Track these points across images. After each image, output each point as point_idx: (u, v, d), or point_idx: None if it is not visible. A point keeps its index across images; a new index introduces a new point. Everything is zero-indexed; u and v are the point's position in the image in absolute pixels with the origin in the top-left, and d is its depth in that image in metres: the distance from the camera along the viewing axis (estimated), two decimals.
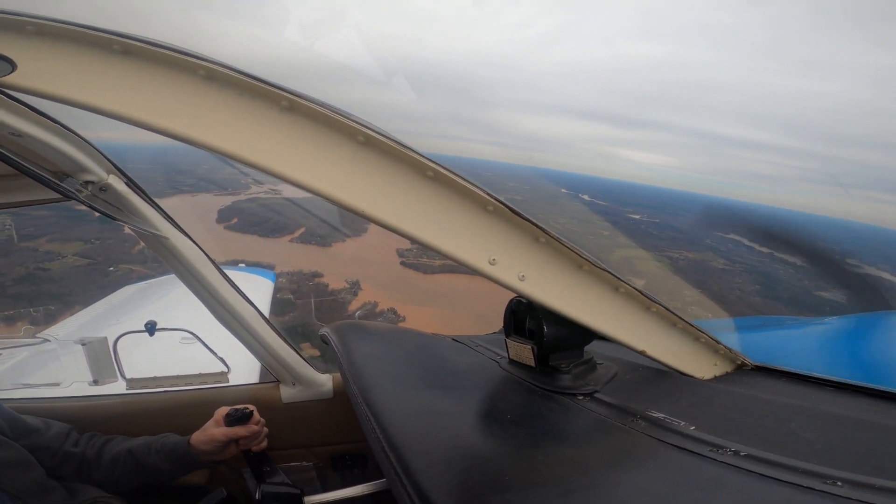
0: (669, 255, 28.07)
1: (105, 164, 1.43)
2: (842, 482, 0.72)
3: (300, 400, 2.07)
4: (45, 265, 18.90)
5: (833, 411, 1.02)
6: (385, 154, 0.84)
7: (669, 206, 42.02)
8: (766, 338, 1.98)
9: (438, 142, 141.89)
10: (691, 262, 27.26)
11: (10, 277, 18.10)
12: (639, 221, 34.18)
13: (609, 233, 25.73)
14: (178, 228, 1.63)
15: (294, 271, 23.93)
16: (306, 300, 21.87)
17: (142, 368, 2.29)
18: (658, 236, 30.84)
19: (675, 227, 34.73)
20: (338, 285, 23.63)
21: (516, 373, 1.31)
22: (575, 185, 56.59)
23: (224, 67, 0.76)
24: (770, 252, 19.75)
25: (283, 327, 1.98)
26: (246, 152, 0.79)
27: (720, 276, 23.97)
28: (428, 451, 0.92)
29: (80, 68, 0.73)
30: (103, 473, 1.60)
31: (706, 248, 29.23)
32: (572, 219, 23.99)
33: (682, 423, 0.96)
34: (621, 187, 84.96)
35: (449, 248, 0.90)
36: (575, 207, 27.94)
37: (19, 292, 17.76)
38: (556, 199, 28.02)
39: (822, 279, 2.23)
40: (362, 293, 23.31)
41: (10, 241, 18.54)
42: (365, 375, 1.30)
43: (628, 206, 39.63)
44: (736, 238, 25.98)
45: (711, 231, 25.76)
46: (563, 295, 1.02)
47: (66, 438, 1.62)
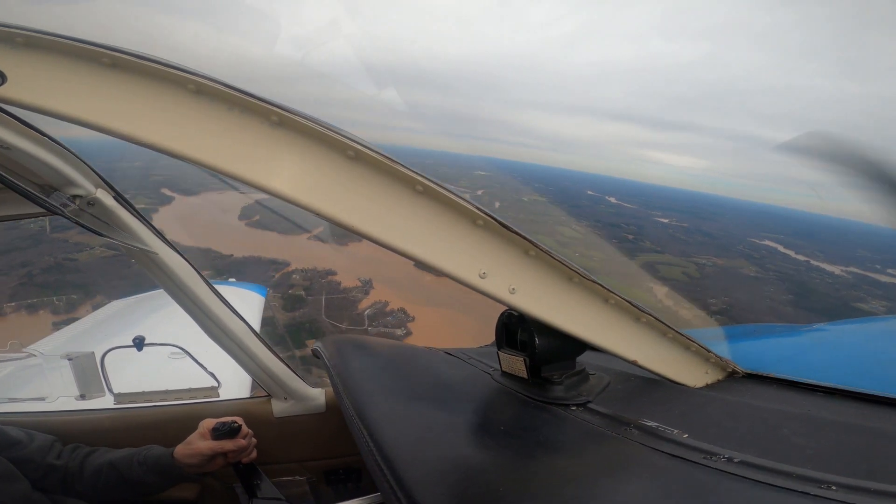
0: (697, 260, 28.03)
1: (93, 177, 1.42)
2: (836, 486, 0.73)
3: (292, 414, 2.05)
4: (72, 256, 19.73)
5: (824, 416, 1.03)
6: (375, 168, 0.85)
7: (701, 210, 41.67)
8: (756, 345, 1.99)
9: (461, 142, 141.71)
10: (720, 269, 27.19)
11: (39, 267, 19.07)
12: (667, 225, 33.98)
13: (634, 237, 25.73)
14: (167, 243, 1.62)
15: (308, 268, 24.27)
16: (317, 297, 22.13)
17: (130, 384, 2.26)
18: (686, 241, 30.78)
19: (706, 231, 34.67)
20: (350, 283, 23.87)
21: (509, 385, 1.31)
22: (602, 188, 56.28)
23: (213, 82, 0.76)
24: (807, 260, 19.55)
25: (291, 324, 1.97)
26: (235, 167, 0.79)
27: (751, 284, 23.94)
28: (421, 464, 0.91)
29: (70, 81, 0.72)
30: (86, 486, 1.57)
31: (738, 254, 29.09)
32: (596, 222, 23.88)
33: (675, 431, 0.97)
34: (651, 190, 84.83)
35: (439, 263, 0.91)
36: (599, 210, 27.94)
37: (45, 281, 18.64)
38: (579, 201, 27.94)
39: None
40: (374, 292, 23.50)
41: (42, 232, 19.44)
42: (358, 389, 1.29)
43: (656, 210, 39.48)
44: (771, 245, 25.84)
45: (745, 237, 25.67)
46: (553, 307, 1.03)
47: (49, 450, 1.59)
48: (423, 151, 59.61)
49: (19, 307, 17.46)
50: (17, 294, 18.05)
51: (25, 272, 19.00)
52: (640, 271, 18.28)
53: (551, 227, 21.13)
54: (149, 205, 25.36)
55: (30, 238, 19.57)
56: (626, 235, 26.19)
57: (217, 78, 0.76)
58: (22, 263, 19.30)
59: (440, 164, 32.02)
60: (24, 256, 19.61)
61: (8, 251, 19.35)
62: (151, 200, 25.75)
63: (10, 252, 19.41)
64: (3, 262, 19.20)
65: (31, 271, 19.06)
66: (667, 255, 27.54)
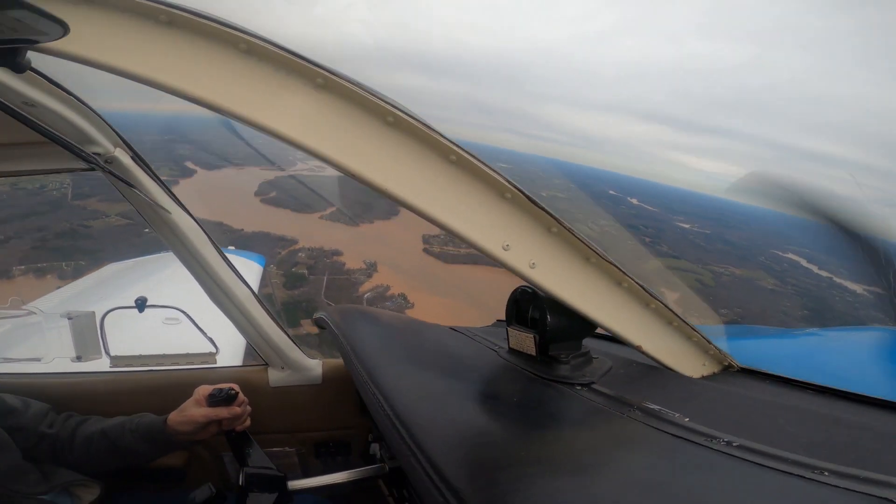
0: (714, 269, 27.76)
1: (112, 136, 1.43)
2: (828, 472, 0.77)
3: (288, 384, 2.06)
4: (87, 223, 20.03)
5: (814, 409, 1.09)
6: (412, 135, 0.87)
7: (726, 217, 41.12)
8: (752, 344, 2.05)
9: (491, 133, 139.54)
10: (737, 279, 27.01)
11: (53, 231, 19.36)
12: (687, 231, 33.59)
13: (651, 240, 25.54)
14: (180, 205, 1.62)
15: (315, 247, 24.12)
16: (320, 277, 21.98)
17: (128, 346, 2.25)
18: (705, 248, 30.53)
19: (728, 240, 34.32)
20: (355, 265, 23.71)
21: (516, 361, 1.34)
22: (625, 188, 55.44)
23: (264, 41, 0.77)
24: (830, 276, 19.35)
25: (289, 301, 1.98)
26: (279, 125, 0.81)
27: (767, 297, 23.91)
28: (438, 429, 0.94)
29: (127, 37, 0.73)
30: (77, 455, 1.55)
31: (758, 265, 28.73)
32: (617, 221, 24.18)
33: (677, 415, 1.00)
34: (676, 194, 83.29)
35: (465, 231, 0.93)
36: (619, 210, 27.73)
37: (58, 246, 18.92)
38: (599, 200, 28.01)
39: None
40: (377, 276, 23.35)
41: (64, 199, 19.65)
42: (370, 356, 1.32)
43: (679, 214, 39.09)
44: (794, 258, 25.61)
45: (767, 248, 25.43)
46: (569, 285, 1.06)
47: (43, 419, 1.57)
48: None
49: (28, 270, 17.64)
50: (28, 257, 18.26)
51: (40, 236, 19.22)
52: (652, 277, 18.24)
53: (569, 223, 21.21)
54: (171, 177, 25.63)
55: (50, 203, 19.90)
56: (643, 238, 26.18)
57: (267, 38, 0.78)
58: (38, 228, 19.54)
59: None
60: (42, 221, 19.85)
61: (28, 215, 19.64)
62: (173, 173, 25.77)
63: (31, 216, 19.73)
64: (21, 227, 19.44)
65: (46, 236, 19.28)
66: (683, 260, 27.40)
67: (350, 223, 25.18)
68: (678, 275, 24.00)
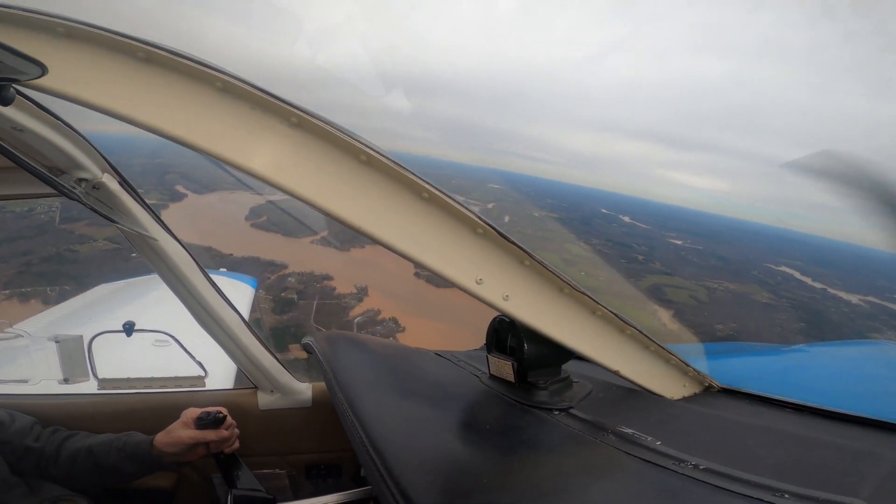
0: (708, 284, 27.74)
1: (100, 162, 1.44)
2: (789, 495, 0.78)
3: (278, 407, 2.06)
4: (74, 247, 20.04)
5: (789, 430, 1.10)
6: (384, 174, 0.89)
7: (718, 233, 40.93)
8: (736, 363, 2.07)
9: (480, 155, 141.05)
10: (731, 294, 26.98)
11: (39, 256, 19.30)
12: (679, 247, 33.65)
13: (644, 257, 25.52)
14: (167, 230, 1.64)
15: (305, 272, 24.30)
16: (309, 301, 21.99)
17: (116, 368, 2.25)
18: (699, 264, 30.56)
19: (721, 255, 34.26)
20: (345, 290, 23.82)
21: (496, 387, 1.36)
22: (617, 206, 55.54)
23: (239, 81, 0.79)
24: (824, 288, 19.40)
25: (278, 326, 1.99)
26: (254, 164, 0.82)
27: (762, 311, 23.93)
28: (410, 454, 0.96)
29: (105, 73, 0.75)
30: (61, 470, 1.55)
31: (751, 279, 28.61)
32: (607, 241, 23.77)
33: (650, 438, 1.02)
34: (668, 211, 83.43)
35: (439, 266, 0.95)
36: (611, 229, 27.79)
37: (42, 271, 18.88)
38: (591, 219, 27.67)
39: None
40: (368, 300, 23.43)
41: (51, 223, 19.77)
42: (351, 383, 1.33)
43: (671, 231, 39.20)
44: (788, 271, 25.56)
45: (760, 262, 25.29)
46: (543, 315, 1.08)
47: (28, 432, 1.57)
48: (437, 161, 58.91)
49: (12, 295, 17.64)
50: (12, 282, 18.29)
51: (26, 260, 19.24)
52: (647, 293, 18.03)
53: (559, 244, 21.13)
54: (160, 200, 25.73)
55: (38, 227, 19.99)
56: (636, 256, 26.14)
57: (242, 77, 0.80)
58: (24, 252, 19.58)
59: (454, 175, 31.83)
60: (29, 245, 19.89)
61: (15, 239, 19.54)
62: (163, 196, 26.08)
63: (17, 240, 19.64)
64: (7, 250, 19.42)
65: (31, 260, 19.29)
66: (676, 277, 27.40)
67: (341, 248, 25.27)
68: (672, 291, 24.02)
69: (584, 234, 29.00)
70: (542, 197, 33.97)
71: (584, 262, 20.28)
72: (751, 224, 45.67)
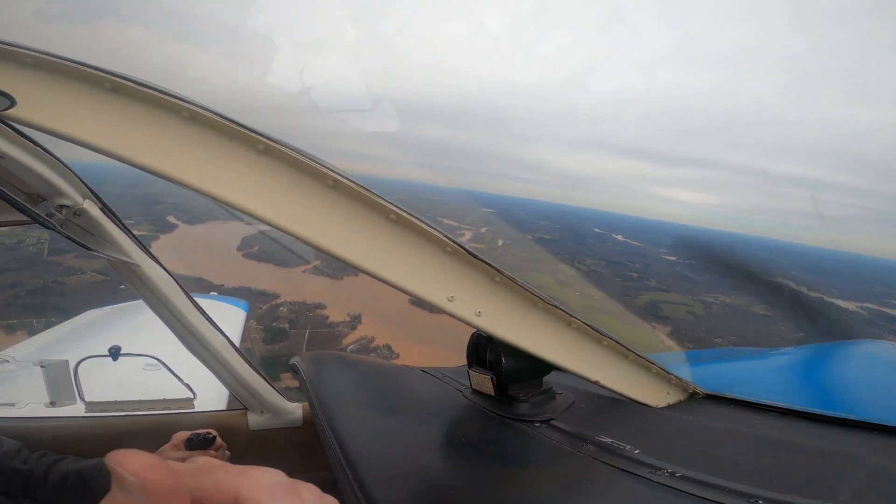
0: (704, 299, 27.51)
1: (81, 188, 1.45)
2: (763, 500, 0.79)
3: (268, 427, 2.06)
4: (62, 279, 19.82)
5: (771, 435, 1.10)
6: (352, 197, 0.90)
7: (711, 247, 40.44)
8: (722, 368, 2.08)
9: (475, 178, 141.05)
10: (728, 308, 26.81)
11: (26, 288, 19.09)
12: (674, 263, 33.48)
13: (639, 275, 25.34)
14: (151, 256, 1.64)
15: (297, 301, 24.02)
16: (301, 331, 21.76)
17: (104, 392, 2.24)
18: (694, 279, 30.39)
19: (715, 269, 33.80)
20: (338, 318, 23.58)
21: (477, 401, 1.36)
22: (610, 225, 55.25)
23: (205, 110, 0.81)
24: (820, 296, 19.54)
25: (268, 356, 1.99)
26: (222, 192, 0.83)
27: (760, 322, 23.86)
28: (385, 469, 0.96)
29: (73, 103, 0.76)
30: (49, 494, 1.53)
31: (747, 292, 28.20)
32: (601, 260, 23.49)
33: (628, 447, 1.03)
34: (660, 227, 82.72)
35: (411, 286, 0.96)
36: (605, 248, 27.62)
37: (29, 303, 18.71)
38: (585, 239, 27.38)
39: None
40: (361, 327, 23.20)
41: (40, 255, 19.63)
42: (332, 402, 1.33)
43: (664, 248, 39.05)
44: (782, 282, 25.45)
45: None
46: (518, 329, 1.09)
47: (16, 455, 1.55)
48: (432, 187, 58.55)
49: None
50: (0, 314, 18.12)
51: (13, 293, 19.10)
52: (643, 310, 17.72)
53: (554, 265, 21.08)
54: (151, 231, 25.83)
55: (26, 259, 19.85)
56: (630, 274, 25.97)
57: (209, 106, 0.82)
58: (11, 284, 19.41)
59: (448, 200, 31.67)
60: (16, 277, 19.75)
61: (2, 271, 19.53)
62: (154, 227, 26.04)
63: (4, 272, 19.59)
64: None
65: (19, 292, 19.14)
66: (673, 293, 27.12)
67: (333, 276, 25.25)
68: (668, 308, 23.77)
69: (579, 254, 28.91)
70: (536, 219, 33.71)
71: (578, 283, 20.14)
72: (743, 236, 45.41)
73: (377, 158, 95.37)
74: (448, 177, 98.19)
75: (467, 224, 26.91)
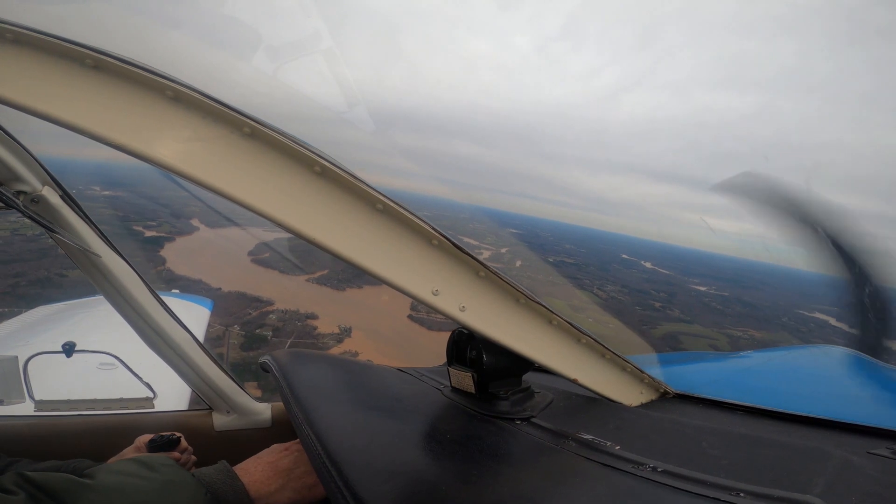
0: (731, 332, 26.75)
1: (41, 174, 1.38)
2: (744, 493, 0.81)
3: (235, 428, 2.00)
4: (65, 272, 19.30)
5: (741, 432, 1.15)
6: (339, 185, 0.89)
7: (746, 278, 39.49)
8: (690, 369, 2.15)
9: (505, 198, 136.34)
10: (757, 343, 25.99)
11: (28, 278, 18.88)
12: (703, 294, 32.56)
13: (662, 304, 25.08)
14: (112, 247, 1.57)
15: (289, 309, 23.79)
16: (284, 339, 21.44)
17: (55, 391, 2.13)
18: (722, 311, 29.63)
19: (747, 301, 32.56)
20: (328, 329, 23.29)
21: (458, 399, 1.35)
22: (640, 252, 53.91)
23: (190, 90, 0.78)
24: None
25: (240, 362, 1.93)
26: (204, 175, 0.80)
27: None
28: (368, 465, 0.94)
29: (53, 80, 0.73)
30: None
31: (781, 326, 27.62)
32: (623, 287, 22.95)
33: (609, 443, 1.04)
34: (693, 256, 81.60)
35: (394, 278, 0.95)
36: (629, 275, 27.28)
37: (27, 293, 18.45)
38: (609, 265, 26.83)
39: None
40: (349, 341, 22.92)
41: (55, 248, 18.87)
42: (308, 398, 1.30)
43: (695, 277, 38.12)
44: (822, 317, 24.67)
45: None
46: (500, 325, 1.09)
47: None
48: (456, 204, 57.72)
49: None
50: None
51: (13, 282, 18.84)
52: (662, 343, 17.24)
53: (570, 289, 21.08)
54: (170, 233, 25.69)
55: (39, 251, 19.54)
56: (652, 303, 25.69)
57: (194, 86, 0.79)
58: (16, 274, 19.14)
59: (472, 218, 31.40)
60: (23, 267, 19.45)
61: (13, 261, 19.29)
62: (174, 230, 25.86)
63: (14, 262, 19.33)
64: (1, 271, 19.14)
65: (19, 282, 18.90)
66: (696, 325, 26.57)
67: (336, 288, 24.88)
68: (688, 340, 23.25)
69: (600, 279, 28.59)
70: (561, 241, 33.28)
71: (592, 310, 19.68)
72: (783, 269, 45.55)
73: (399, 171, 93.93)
74: (473, 194, 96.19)
75: (488, 243, 26.68)
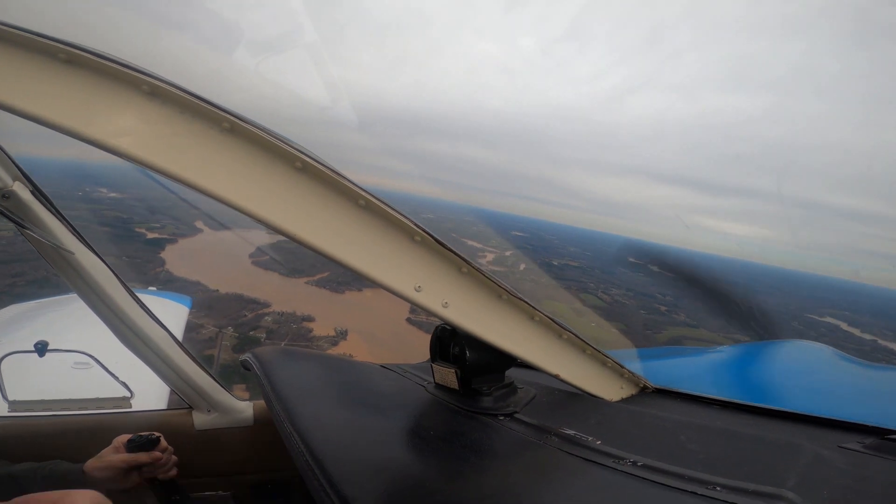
0: (738, 337, 27.03)
1: (12, 169, 1.34)
2: (720, 487, 0.83)
3: (216, 427, 1.97)
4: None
5: (717, 426, 1.18)
6: (320, 181, 0.88)
7: (755, 282, 39.59)
8: (669, 364, 2.19)
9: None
10: None
11: (26, 279, 18.26)
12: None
13: (667, 308, 25.23)
14: (86, 244, 1.53)
15: (286, 312, 23.53)
16: (277, 342, 21.17)
17: (28, 391, 2.08)
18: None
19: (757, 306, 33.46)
20: (323, 332, 23.08)
21: (441, 396, 1.36)
22: (647, 255, 54.29)
23: (168, 84, 0.76)
24: (874, 339, 18.54)
25: (229, 364, 1.91)
26: (182, 170, 0.79)
27: None
28: (352, 462, 0.94)
29: (23, 74, 0.71)
30: None
31: (791, 331, 27.81)
32: (628, 291, 22.67)
33: (590, 438, 1.06)
34: (701, 260, 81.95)
35: (377, 275, 0.95)
36: (635, 279, 27.37)
37: (24, 293, 18.03)
38: (614, 268, 26.63)
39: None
40: (344, 343, 22.73)
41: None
42: (290, 396, 1.30)
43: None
44: (833, 322, 24.94)
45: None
46: (483, 321, 1.10)
47: None
48: (459, 207, 56.57)
49: None
50: None
51: (11, 282, 18.27)
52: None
53: (573, 292, 20.93)
54: (172, 235, 25.43)
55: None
56: (658, 307, 25.82)
57: (171, 81, 0.77)
58: (14, 273, 18.62)
59: (475, 221, 30.89)
60: (23, 268, 18.81)
61: (15, 261, 18.73)
62: (177, 232, 25.65)
63: (15, 262, 18.81)
64: (2, 270, 18.63)
65: (17, 282, 18.27)
66: (701, 329, 26.70)
67: (335, 291, 24.61)
68: (693, 344, 23.51)
69: (604, 283, 28.72)
70: (566, 244, 33.01)
71: (593, 313, 19.45)
72: (793, 272, 45.52)
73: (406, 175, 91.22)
74: (477, 197, 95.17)
75: (492, 246, 26.74)
